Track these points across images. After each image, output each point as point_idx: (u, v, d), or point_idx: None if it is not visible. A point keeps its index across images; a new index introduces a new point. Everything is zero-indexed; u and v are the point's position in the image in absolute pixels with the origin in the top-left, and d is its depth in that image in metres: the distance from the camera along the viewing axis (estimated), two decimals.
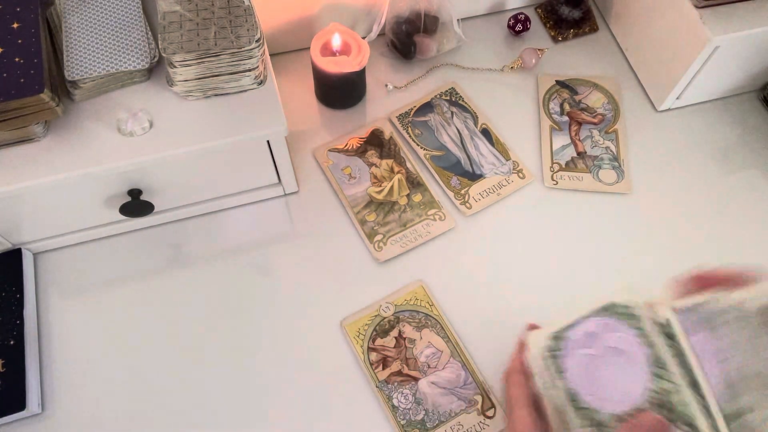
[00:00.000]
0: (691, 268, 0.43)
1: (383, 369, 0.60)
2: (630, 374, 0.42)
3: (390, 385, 0.59)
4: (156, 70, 0.60)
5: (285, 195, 0.70)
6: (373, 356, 0.60)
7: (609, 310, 0.44)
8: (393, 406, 0.58)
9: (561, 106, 0.75)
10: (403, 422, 0.57)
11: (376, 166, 0.71)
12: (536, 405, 0.45)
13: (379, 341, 0.61)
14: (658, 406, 0.40)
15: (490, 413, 0.58)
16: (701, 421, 0.38)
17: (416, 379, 0.59)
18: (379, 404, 0.58)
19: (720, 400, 0.39)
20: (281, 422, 0.58)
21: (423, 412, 0.58)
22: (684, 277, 0.44)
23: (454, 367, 0.60)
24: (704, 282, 0.43)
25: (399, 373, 0.60)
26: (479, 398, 0.59)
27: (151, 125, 0.57)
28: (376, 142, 0.72)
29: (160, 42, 0.55)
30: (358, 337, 0.61)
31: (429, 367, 0.60)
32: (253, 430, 0.57)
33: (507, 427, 0.46)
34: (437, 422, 0.57)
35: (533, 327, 0.49)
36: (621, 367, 0.42)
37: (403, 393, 0.59)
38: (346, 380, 0.60)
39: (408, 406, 0.58)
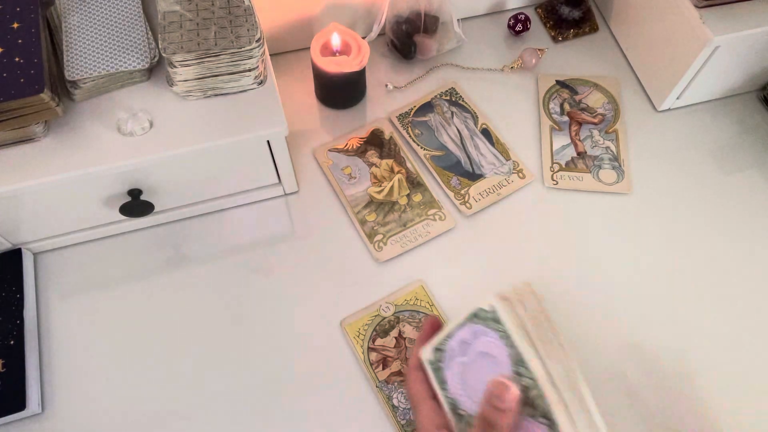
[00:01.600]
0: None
1: (383, 369, 0.60)
2: (496, 375, 0.43)
3: (390, 385, 0.59)
4: (156, 70, 0.60)
5: (285, 195, 0.70)
6: (373, 356, 0.60)
7: (478, 316, 0.46)
8: (393, 406, 0.58)
9: (561, 106, 0.75)
10: (403, 422, 0.57)
11: (376, 166, 0.71)
12: (437, 398, 0.48)
13: (379, 341, 0.61)
14: (523, 403, 0.42)
15: None
16: (558, 414, 0.40)
17: None
18: (379, 404, 0.58)
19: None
20: (281, 422, 0.58)
21: None
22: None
23: None
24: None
25: (399, 373, 0.60)
26: None
27: (151, 125, 0.57)
28: (376, 142, 0.72)
29: (160, 42, 0.55)
30: (358, 337, 0.61)
31: None
32: (253, 429, 0.57)
33: (414, 421, 0.50)
34: None
35: (433, 320, 0.53)
36: (489, 370, 0.44)
37: (403, 393, 0.59)
38: (346, 380, 0.60)
39: (408, 406, 0.58)
